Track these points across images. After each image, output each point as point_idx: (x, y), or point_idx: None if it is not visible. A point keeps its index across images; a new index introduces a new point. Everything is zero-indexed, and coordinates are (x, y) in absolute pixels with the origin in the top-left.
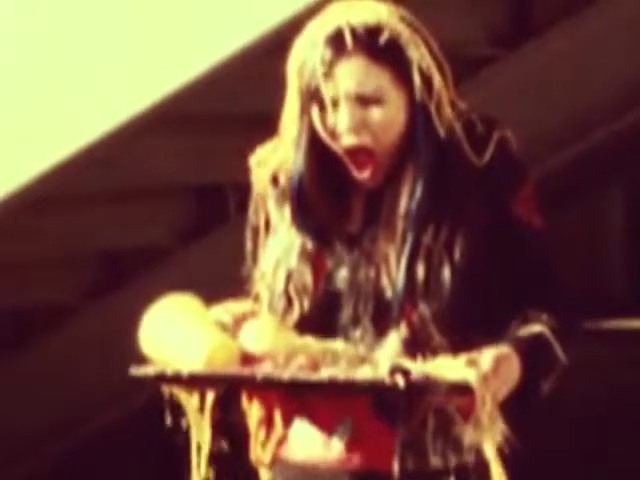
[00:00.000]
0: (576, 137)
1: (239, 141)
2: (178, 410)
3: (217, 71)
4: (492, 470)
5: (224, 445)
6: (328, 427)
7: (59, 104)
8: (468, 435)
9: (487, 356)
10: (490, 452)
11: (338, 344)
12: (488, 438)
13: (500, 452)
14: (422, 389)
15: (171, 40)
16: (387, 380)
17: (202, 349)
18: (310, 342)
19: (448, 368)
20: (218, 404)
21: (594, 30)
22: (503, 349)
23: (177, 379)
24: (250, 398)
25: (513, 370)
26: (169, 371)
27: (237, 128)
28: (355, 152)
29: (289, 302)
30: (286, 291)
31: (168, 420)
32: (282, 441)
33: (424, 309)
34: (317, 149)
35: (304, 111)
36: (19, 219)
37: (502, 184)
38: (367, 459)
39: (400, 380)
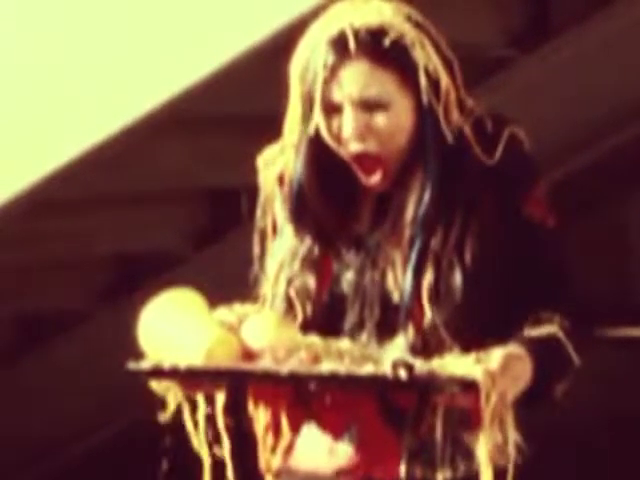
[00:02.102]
0: (594, 140)
1: (252, 144)
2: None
3: (230, 72)
4: (482, 472)
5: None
6: (334, 435)
7: (69, 105)
8: (478, 442)
9: (496, 354)
10: (483, 452)
11: (342, 342)
12: (486, 438)
13: (512, 459)
14: (426, 384)
15: (183, 40)
16: (389, 374)
17: (202, 344)
18: (313, 339)
19: (455, 365)
20: (226, 409)
21: (612, 31)
22: (514, 348)
23: (174, 374)
24: (256, 403)
25: (524, 370)
26: (166, 365)
27: (250, 130)
28: (361, 158)
29: (290, 306)
30: (287, 295)
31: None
32: (289, 449)
33: (435, 314)
34: (320, 154)
35: (306, 116)
36: (30, 222)
37: (513, 183)
38: (373, 468)
39: (403, 373)
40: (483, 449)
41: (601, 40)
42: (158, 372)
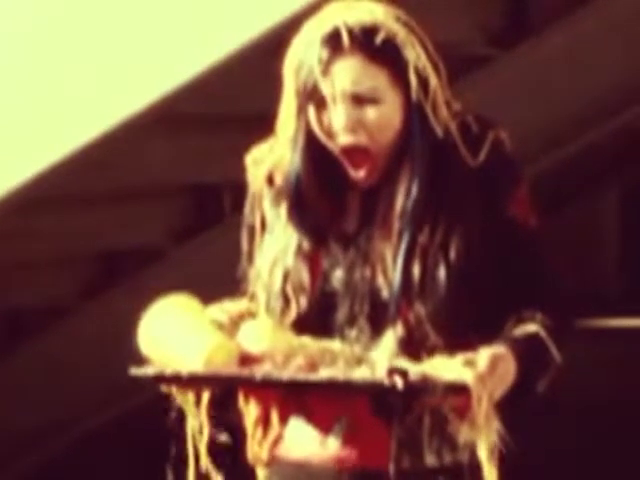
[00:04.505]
0: (572, 136)
1: (234, 141)
2: (176, 409)
3: (214, 71)
4: (485, 470)
5: (222, 442)
6: (325, 426)
7: (55, 105)
8: (463, 434)
9: (483, 356)
10: (483, 452)
11: (335, 344)
12: (483, 438)
13: (496, 451)
14: (420, 390)
15: (167, 40)
16: (386, 381)
17: (201, 350)
18: (307, 342)
19: (445, 368)
20: (214, 403)
21: (590, 29)
22: (499, 349)
23: (176, 379)
24: (247, 397)
25: (509, 370)
26: (168, 372)
27: (233, 128)
28: (351, 151)
29: (286, 301)
30: (283, 290)
31: (165, 420)
32: (278, 440)
33: (420, 308)
34: (314, 148)
35: (301, 110)
36: (16, 219)
37: (497, 184)
38: (363, 458)
39: (399, 381)
40: (483, 449)
41: (579, 38)
42: (160, 378)
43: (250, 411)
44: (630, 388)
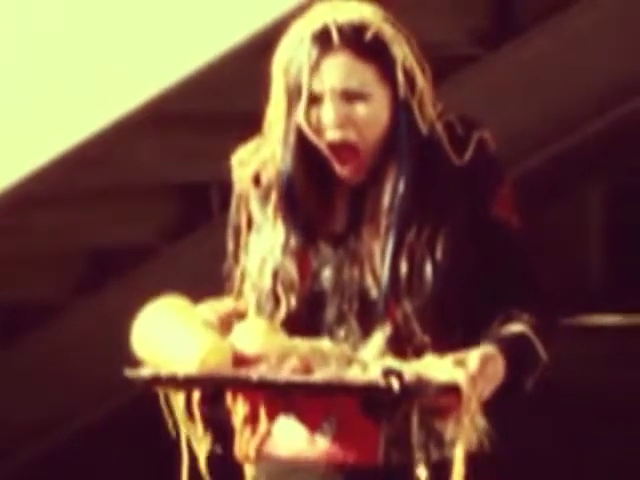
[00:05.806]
0: (557, 136)
1: (224, 140)
2: (167, 407)
3: (204, 71)
4: (455, 467)
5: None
6: (313, 423)
7: (46, 104)
8: (450, 430)
9: (474, 356)
10: (460, 450)
11: (325, 344)
12: (464, 437)
13: (481, 448)
14: (414, 391)
15: (158, 40)
16: (381, 383)
17: (197, 351)
18: (298, 343)
19: (436, 368)
20: (204, 401)
21: (575, 29)
22: (488, 349)
23: (172, 381)
24: (234, 395)
25: (498, 370)
26: (164, 373)
27: (222, 127)
28: (339, 147)
29: (276, 301)
30: (274, 289)
31: (160, 415)
32: (266, 437)
33: (407, 306)
34: (304, 147)
35: (291, 108)
36: (7, 217)
37: (481, 185)
38: (352, 454)
39: (395, 383)
40: (460, 448)
41: (564, 38)
42: (156, 380)
43: (238, 409)
44: (615, 385)
